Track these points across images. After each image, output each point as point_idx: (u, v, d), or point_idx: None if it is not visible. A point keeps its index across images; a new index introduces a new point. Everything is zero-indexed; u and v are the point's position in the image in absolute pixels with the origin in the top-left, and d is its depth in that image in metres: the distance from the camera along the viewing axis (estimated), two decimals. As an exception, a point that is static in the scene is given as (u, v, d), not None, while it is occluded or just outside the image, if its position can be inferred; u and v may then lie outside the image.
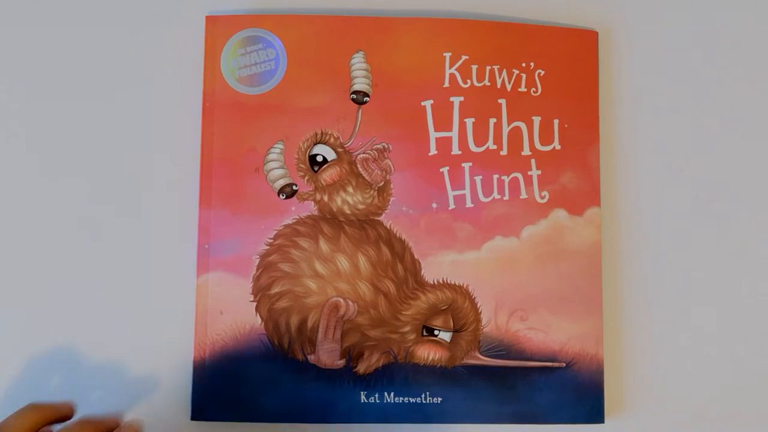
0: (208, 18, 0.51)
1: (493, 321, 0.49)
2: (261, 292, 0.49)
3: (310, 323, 0.49)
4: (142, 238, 0.51)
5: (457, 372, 0.49)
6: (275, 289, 0.49)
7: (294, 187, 0.50)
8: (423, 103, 0.50)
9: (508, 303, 0.49)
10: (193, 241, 0.50)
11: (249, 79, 0.50)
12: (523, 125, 0.50)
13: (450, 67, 0.50)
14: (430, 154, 0.50)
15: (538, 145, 0.50)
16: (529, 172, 0.50)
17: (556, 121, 0.50)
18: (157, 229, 0.51)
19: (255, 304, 0.49)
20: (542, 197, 0.50)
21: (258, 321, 0.49)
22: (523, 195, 0.50)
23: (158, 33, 0.52)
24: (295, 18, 0.51)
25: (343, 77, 0.50)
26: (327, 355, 0.49)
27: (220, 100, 0.50)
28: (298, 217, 0.50)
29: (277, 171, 0.50)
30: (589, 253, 0.50)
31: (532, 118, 0.50)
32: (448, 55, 0.50)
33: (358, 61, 0.50)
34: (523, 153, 0.50)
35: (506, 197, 0.50)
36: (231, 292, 0.49)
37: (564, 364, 0.49)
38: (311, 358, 0.49)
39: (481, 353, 0.49)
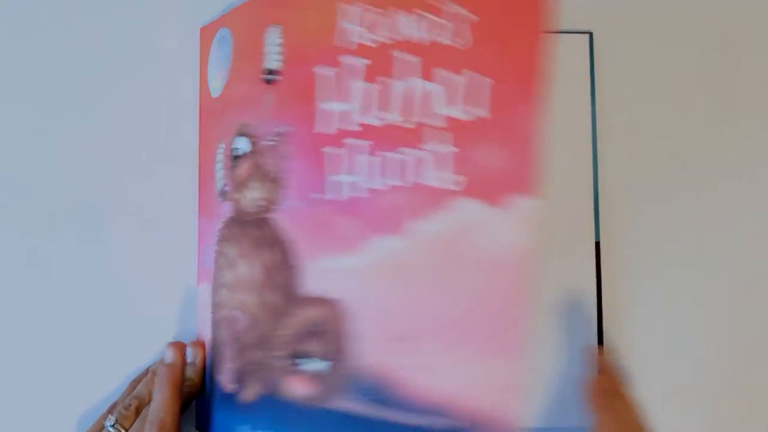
0: (202, 29, 0.50)
1: (371, 351, 0.35)
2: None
3: (217, 339, 0.43)
4: (143, 246, 0.50)
5: (330, 416, 0.36)
6: (214, 300, 0.45)
7: (226, 188, 0.45)
8: (314, 70, 0.40)
9: (393, 327, 0.35)
10: (194, 249, 0.49)
11: (217, 82, 0.48)
12: (440, 89, 0.36)
13: (342, 21, 0.39)
14: (315, 131, 0.39)
15: (458, 114, 0.36)
16: (442, 150, 0.36)
17: (487, 81, 0.35)
18: (158, 237, 0.50)
19: None
20: (456, 183, 0.35)
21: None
22: (430, 181, 0.35)
23: (154, 45, 0.52)
24: (242, 8, 0.46)
25: (259, 58, 0.43)
26: (225, 376, 0.42)
27: (206, 109, 0.49)
28: (224, 220, 0.45)
29: (218, 173, 0.46)
30: (512, 261, 0.32)
31: (455, 79, 0.36)
32: (342, 6, 0.39)
33: (269, 36, 0.43)
34: (435, 125, 0.36)
35: (408, 183, 0.36)
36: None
37: (463, 430, 0.32)
38: (219, 378, 0.42)
39: (353, 395, 0.35)
